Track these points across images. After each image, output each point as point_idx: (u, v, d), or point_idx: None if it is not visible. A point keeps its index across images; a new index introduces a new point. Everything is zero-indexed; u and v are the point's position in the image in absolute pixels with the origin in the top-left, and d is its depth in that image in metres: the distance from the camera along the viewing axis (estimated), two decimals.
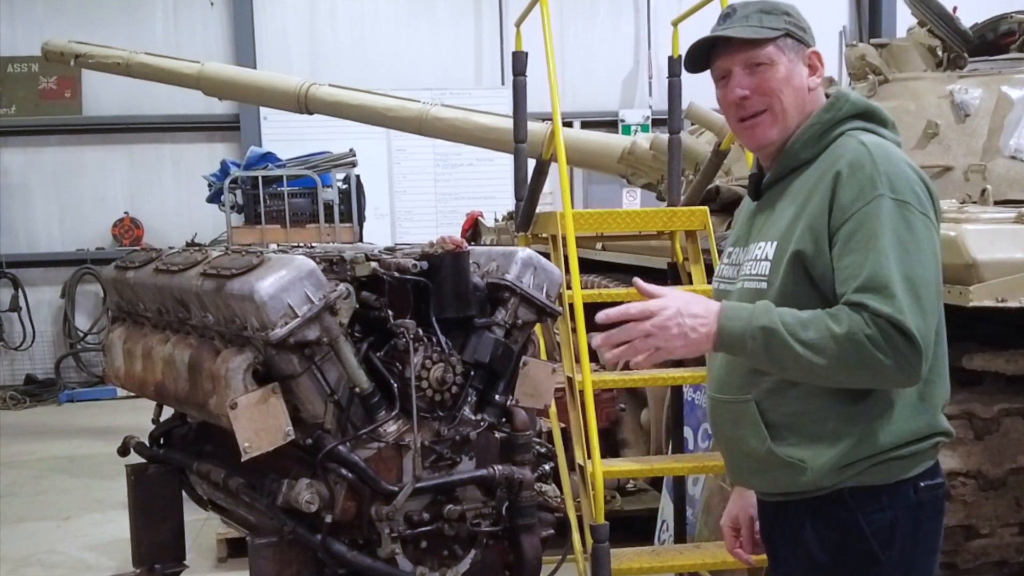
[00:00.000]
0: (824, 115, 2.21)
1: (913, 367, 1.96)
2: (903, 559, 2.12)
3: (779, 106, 2.21)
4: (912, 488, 2.13)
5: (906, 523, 2.12)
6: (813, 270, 2.09)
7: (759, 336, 2.01)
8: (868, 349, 1.94)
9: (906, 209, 2.02)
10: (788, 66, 2.21)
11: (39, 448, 8.77)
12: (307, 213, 9.44)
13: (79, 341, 12.08)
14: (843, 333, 1.95)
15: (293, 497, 2.58)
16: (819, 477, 2.11)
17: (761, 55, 2.20)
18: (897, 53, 5.41)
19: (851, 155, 2.10)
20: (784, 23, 2.22)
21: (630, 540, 4.32)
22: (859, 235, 2.01)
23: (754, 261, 2.21)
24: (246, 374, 2.58)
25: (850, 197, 2.05)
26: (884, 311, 1.94)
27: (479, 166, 12.19)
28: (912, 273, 1.98)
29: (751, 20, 2.21)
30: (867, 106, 2.24)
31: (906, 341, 1.94)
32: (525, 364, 3.02)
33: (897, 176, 2.05)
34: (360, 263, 2.73)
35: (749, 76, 2.22)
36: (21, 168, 12.30)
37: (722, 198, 5.06)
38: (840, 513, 2.12)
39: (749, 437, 2.19)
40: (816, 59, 2.26)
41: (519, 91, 4.51)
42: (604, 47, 12.97)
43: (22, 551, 5.87)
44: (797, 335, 1.98)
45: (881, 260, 1.98)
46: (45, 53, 8.70)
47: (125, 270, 3.47)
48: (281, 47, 12.56)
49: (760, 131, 2.24)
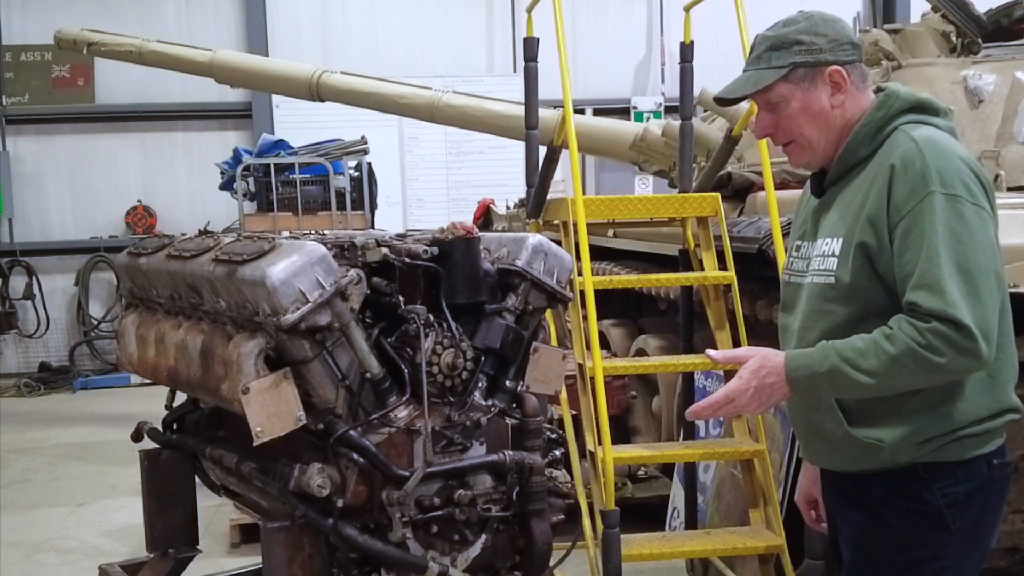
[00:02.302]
0: (876, 113, 2.29)
1: (975, 355, 2.07)
2: (971, 531, 2.25)
3: (802, 137, 2.34)
4: (986, 464, 2.25)
5: (978, 497, 2.24)
6: (877, 264, 2.19)
7: (824, 382, 2.17)
8: (925, 357, 2.06)
9: (957, 202, 2.11)
10: (802, 97, 2.30)
11: (53, 435, 8.83)
12: (319, 200, 9.46)
13: (93, 329, 12.13)
14: (899, 352, 2.08)
15: (305, 482, 2.58)
16: (896, 454, 2.22)
17: (772, 95, 2.32)
18: (911, 39, 5.39)
19: (902, 151, 2.19)
20: (792, 56, 2.29)
21: (641, 527, 4.33)
22: (913, 233, 2.12)
23: (822, 257, 2.30)
24: (258, 359, 2.58)
25: (904, 195, 2.14)
26: (936, 308, 2.06)
27: (491, 154, 12.17)
28: (967, 263, 2.08)
29: (761, 62, 2.33)
30: (918, 99, 2.32)
31: (962, 333, 2.05)
32: (536, 350, 3.02)
33: (947, 171, 2.14)
34: (371, 249, 2.73)
35: (771, 113, 2.35)
36: (34, 157, 12.34)
37: (734, 184, 5.04)
38: (915, 485, 2.23)
39: (826, 422, 2.30)
40: (838, 76, 2.31)
41: (531, 77, 4.50)
42: (616, 33, 12.93)
43: (36, 537, 5.91)
44: (859, 366, 2.12)
45: (932, 257, 2.08)
46: (58, 41, 8.72)
47: (137, 256, 3.48)
48: (293, 35, 12.56)
49: (795, 157, 2.39)
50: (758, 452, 3.96)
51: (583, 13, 12.79)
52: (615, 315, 6.41)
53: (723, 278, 4.14)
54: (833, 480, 2.45)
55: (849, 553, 2.40)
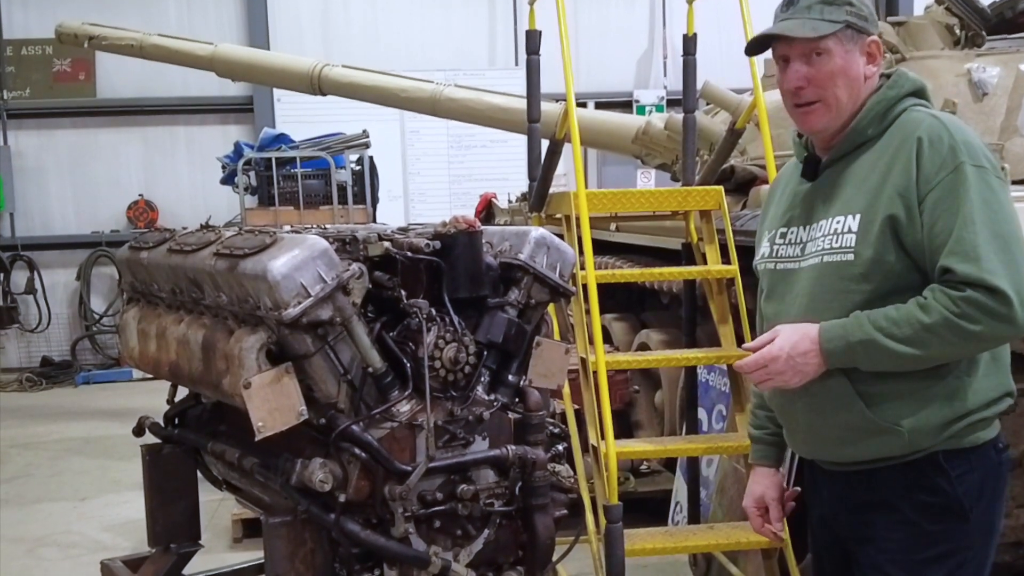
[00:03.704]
0: (889, 92, 2.30)
1: (1011, 321, 2.07)
2: (986, 518, 2.25)
3: (832, 97, 2.30)
4: (994, 449, 2.26)
5: (989, 483, 2.24)
6: (905, 238, 2.17)
7: (859, 350, 2.15)
8: (961, 327, 2.06)
9: (985, 174, 2.14)
10: (845, 57, 2.28)
11: (55, 430, 8.83)
12: (320, 195, 9.45)
13: (95, 323, 12.13)
14: (933, 321, 2.08)
15: (307, 476, 2.58)
16: (917, 439, 2.20)
17: (820, 46, 2.28)
18: (914, 31, 5.37)
19: (927, 125, 2.20)
20: (845, 14, 2.28)
21: (644, 521, 4.32)
22: (946, 203, 2.12)
23: (833, 235, 2.27)
24: (259, 354, 2.58)
25: (934, 167, 2.15)
26: (971, 274, 2.06)
27: (493, 147, 12.16)
28: (1002, 231, 2.10)
29: (812, 12, 2.29)
30: (922, 84, 2.36)
31: (998, 299, 2.05)
32: (538, 344, 3.01)
33: (972, 144, 2.17)
34: (373, 243, 2.72)
35: (807, 66, 2.30)
36: (36, 151, 12.34)
37: (737, 178, 5.03)
38: (933, 475, 2.22)
39: (839, 408, 2.27)
40: (875, 48, 2.32)
41: (533, 70, 4.48)
42: (619, 26, 12.90)
43: (39, 531, 5.91)
44: (894, 335, 2.11)
45: (967, 224, 2.09)
46: (59, 35, 8.71)
47: (139, 250, 3.47)
48: (294, 28, 12.54)
49: (813, 119, 2.33)
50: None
51: (585, 6, 12.76)
52: (618, 309, 6.40)
53: (726, 272, 4.13)
54: (833, 478, 2.40)
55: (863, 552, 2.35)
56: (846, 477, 2.35)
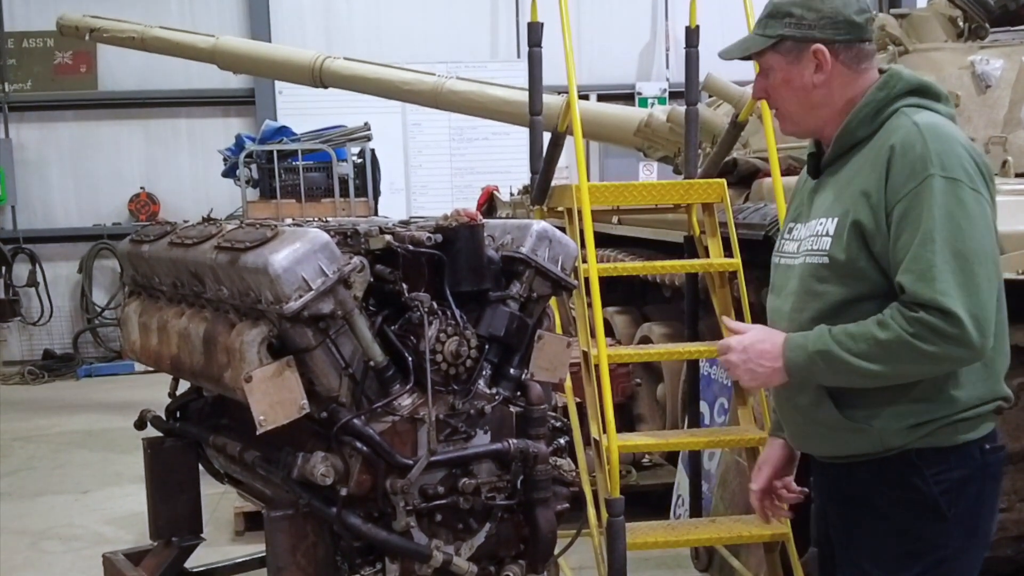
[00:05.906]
0: (878, 94, 2.27)
1: (965, 344, 2.03)
2: (968, 518, 2.21)
3: (784, 109, 2.37)
4: (978, 449, 2.21)
5: (972, 483, 2.20)
6: (872, 246, 2.16)
7: (819, 361, 2.15)
8: (915, 346, 2.04)
9: (957, 186, 2.08)
10: (787, 70, 2.32)
11: (57, 423, 8.83)
12: (322, 187, 9.43)
13: (97, 316, 12.13)
14: (888, 339, 2.06)
15: (308, 470, 2.58)
16: (887, 438, 2.19)
17: (762, 62, 2.36)
18: (917, 23, 5.35)
19: (902, 134, 2.16)
20: (781, 28, 2.30)
21: (645, 515, 4.32)
22: (910, 216, 2.09)
23: (815, 237, 2.28)
24: (261, 347, 2.57)
25: (902, 177, 2.11)
26: (924, 296, 2.03)
27: (494, 140, 12.14)
28: (964, 248, 2.05)
29: (758, 27, 2.35)
30: (920, 82, 2.30)
31: (949, 321, 2.02)
32: (540, 338, 3.00)
33: (947, 154, 2.11)
34: (374, 236, 2.71)
35: (763, 79, 2.38)
36: (37, 143, 12.32)
37: (739, 170, 5.02)
38: (907, 472, 2.20)
39: (816, 407, 2.27)
40: (820, 55, 2.29)
41: (535, 63, 4.47)
42: (621, 19, 12.86)
43: (41, 524, 5.92)
44: (851, 349, 2.10)
45: (926, 242, 2.05)
46: (60, 27, 8.70)
47: (140, 243, 3.47)
48: (295, 20, 12.51)
49: (784, 125, 2.42)
50: (763, 440, 3.93)
51: None
52: (620, 302, 6.39)
53: (729, 265, 4.12)
54: (823, 470, 2.42)
55: (844, 545, 2.36)
56: (833, 470, 2.36)
